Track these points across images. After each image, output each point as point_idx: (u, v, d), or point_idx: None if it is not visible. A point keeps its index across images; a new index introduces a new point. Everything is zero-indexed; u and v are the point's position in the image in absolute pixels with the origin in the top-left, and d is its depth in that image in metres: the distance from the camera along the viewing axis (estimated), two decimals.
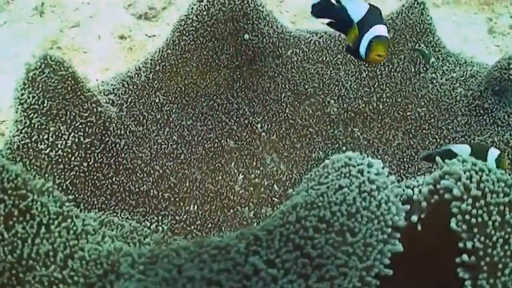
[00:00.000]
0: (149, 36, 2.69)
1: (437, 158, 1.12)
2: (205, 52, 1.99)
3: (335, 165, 1.07)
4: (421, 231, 1.04)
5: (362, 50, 1.39)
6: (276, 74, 2.11)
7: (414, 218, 1.03)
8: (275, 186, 1.88)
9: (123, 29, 2.71)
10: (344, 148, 1.98)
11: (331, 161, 1.09)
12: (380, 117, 2.03)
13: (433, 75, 2.10)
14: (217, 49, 1.99)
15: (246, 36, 1.96)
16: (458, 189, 0.97)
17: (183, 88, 2.04)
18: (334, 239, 0.85)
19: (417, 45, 2.13)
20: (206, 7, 1.93)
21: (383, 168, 1.09)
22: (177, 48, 2.04)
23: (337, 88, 2.11)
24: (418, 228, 1.04)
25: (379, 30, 1.37)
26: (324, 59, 2.18)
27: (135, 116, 1.97)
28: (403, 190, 1.08)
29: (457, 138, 1.90)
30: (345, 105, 2.08)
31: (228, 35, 1.95)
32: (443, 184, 1.00)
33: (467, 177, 0.98)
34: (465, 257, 0.93)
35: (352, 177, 1.01)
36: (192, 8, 2.01)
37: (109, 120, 1.82)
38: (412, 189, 1.07)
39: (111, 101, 1.99)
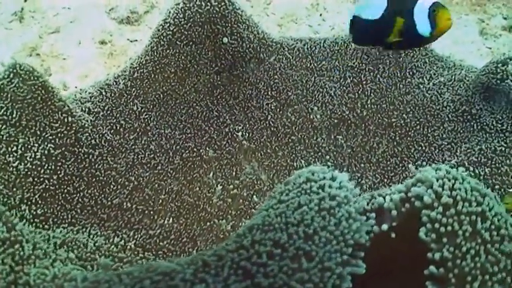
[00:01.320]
0: (131, 41, 2.62)
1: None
2: (183, 57, 1.93)
3: (297, 180, 1.01)
4: (393, 241, 0.99)
5: (422, 26, 1.22)
6: (258, 81, 2.04)
7: (384, 226, 0.98)
8: (254, 197, 1.81)
9: (104, 34, 2.64)
10: (327, 157, 1.91)
11: (294, 176, 1.04)
12: (364, 124, 1.97)
13: (420, 80, 2.04)
14: (196, 54, 1.92)
15: (225, 40, 1.90)
16: (429, 196, 0.92)
17: (161, 95, 1.97)
18: (288, 266, 0.79)
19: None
20: (183, 10, 1.87)
21: (349, 180, 1.03)
22: (155, 54, 1.98)
23: (321, 95, 2.05)
24: (392, 235, 0.98)
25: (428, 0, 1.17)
26: (308, 65, 2.11)
27: (111, 124, 1.90)
28: (375, 198, 1.03)
29: (443, 146, 1.83)
30: (328, 112, 2.01)
31: (205, 38, 1.88)
32: (414, 191, 0.95)
33: (439, 185, 0.93)
34: (433, 268, 0.88)
35: (313, 194, 0.95)
36: (170, 12, 1.95)
37: (81, 130, 1.75)
38: (384, 198, 1.01)
39: (87, 109, 1.93)
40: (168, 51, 1.94)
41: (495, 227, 0.89)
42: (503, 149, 1.72)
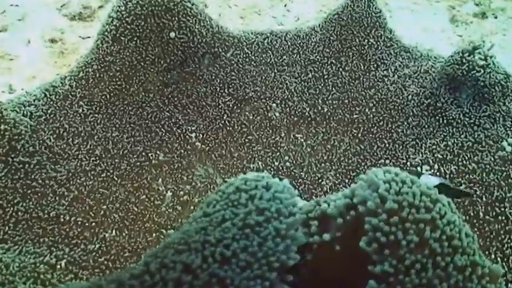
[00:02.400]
0: (83, 38, 2.47)
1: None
2: (128, 53, 1.79)
3: (227, 190, 0.89)
4: (337, 254, 0.87)
5: None
6: (213, 77, 1.91)
7: (326, 236, 0.85)
8: None
9: (55, 32, 2.48)
10: (286, 157, 1.79)
11: (225, 184, 0.92)
12: (325, 121, 1.85)
13: (385, 72, 1.92)
14: (141, 50, 1.78)
15: (172, 34, 1.77)
16: (373, 201, 0.80)
17: (108, 96, 1.83)
18: None
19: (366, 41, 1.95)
20: (124, 2, 1.73)
21: (288, 188, 0.91)
22: (100, 51, 1.85)
23: (280, 91, 1.93)
24: (336, 248, 0.86)
25: None
26: (268, 60, 1.99)
27: (54, 129, 1.76)
28: (319, 205, 0.91)
29: (407, 142, 1.72)
30: (288, 109, 1.89)
31: (150, 32, 1.75)
32: (358, 195, 0.83)
33: (385, 189, 0.80)
34: (373, 283, 0.76)
35: (240, 207, 0.83)
36: (114, 5, 1.81)
37: (17, 137, 1.60)
38: (329, 204, 0.89)
39: (29, 114, 1.79)
40: (112, 47, 1.80)
41: (446, 237, 0.77)
42: (470, 144, 1.62)
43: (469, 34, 2.61)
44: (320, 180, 1.72)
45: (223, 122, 1.87)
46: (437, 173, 1.57)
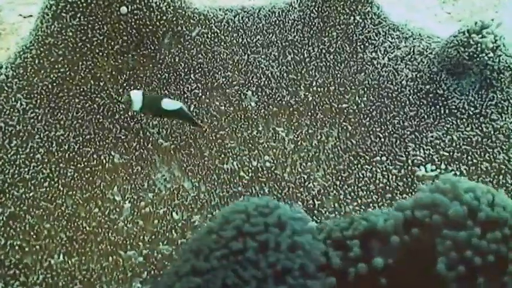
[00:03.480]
0: (24, 17, 2.13)
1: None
2: (70, 33, 1.48)
3: (225, 233, 0.64)
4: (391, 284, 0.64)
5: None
6: (176, 61, 1.63)
7: (378, 261, 0.63)
8: (174, 214, 1.42)
9: None
10: (266, 157, 1.53)
11: (220, 220, 0.67)
12: (310, 112, 1.60)
13: (374, 54, 1.68)
14: (87, 28, 1.48)
15: (124, 9, 1.48)
16: (458, 210, 0.60)
17: (50, 86, 1.54)
18: None
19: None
20: None
21: (307, 222, 0.67)
22: (40, 32, 1.54)
23: (255, 76, 1.66)
24: (382, 281, 0.63)
25: None
26: (240, 41, 1.72)
27: None
28: (359, 221, 0.67)
29: (405, 136, 1.49)
30: (265, 97, 1.63)
31: (96, 7, 1.45)
32: (430, 200, 0.62)
33: (473, 197, 0.61)
34: None
35: (248, 265, 0.59)
36: None
37: None
38: (377, 218, 0.67)
39: None
40: (53, 27, 1.50)
41: None
42: (479, 139, 1.41)
43: (457, 11, 2.39)
44: (306, 183, 1.48)
45: None
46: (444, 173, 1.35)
